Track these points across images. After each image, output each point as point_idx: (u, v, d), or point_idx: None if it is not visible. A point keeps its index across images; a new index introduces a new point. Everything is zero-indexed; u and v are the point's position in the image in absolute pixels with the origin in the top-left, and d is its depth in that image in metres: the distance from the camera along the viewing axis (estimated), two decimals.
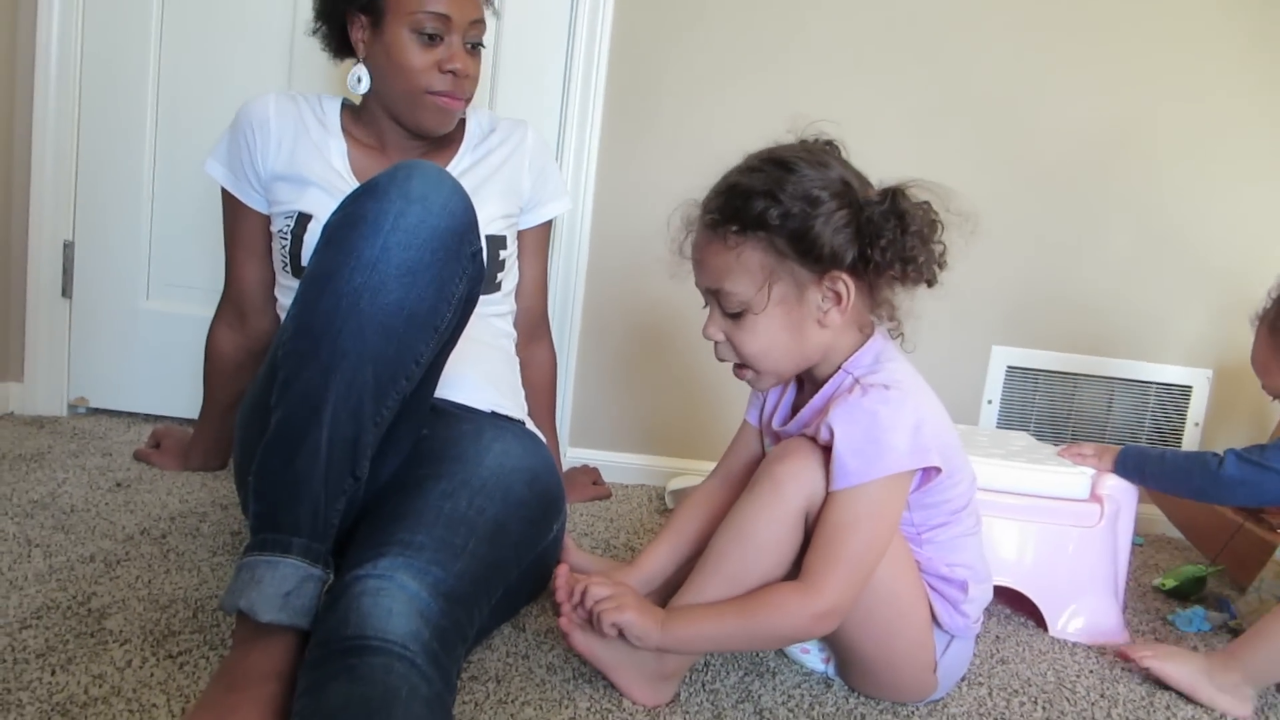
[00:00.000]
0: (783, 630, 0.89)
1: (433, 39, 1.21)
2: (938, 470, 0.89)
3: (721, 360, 0.95)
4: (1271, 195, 1.76)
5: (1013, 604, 1.31)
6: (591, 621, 0.89)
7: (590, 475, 1.66)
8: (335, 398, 0.81)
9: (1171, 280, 1.79)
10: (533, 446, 1.08)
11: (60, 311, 1.74)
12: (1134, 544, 1.67)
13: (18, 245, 1.71)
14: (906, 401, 0.87)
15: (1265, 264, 1.24)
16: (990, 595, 1.01)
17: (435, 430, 1.02)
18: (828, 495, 0.87)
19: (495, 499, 0.93)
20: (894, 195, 0.88)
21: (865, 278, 0.89)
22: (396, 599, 0.76)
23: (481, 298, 1.26)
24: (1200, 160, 1.75)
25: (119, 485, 1.39)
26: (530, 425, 1.26)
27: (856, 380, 0.89)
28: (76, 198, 1.71)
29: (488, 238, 1.25)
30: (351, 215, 0.85)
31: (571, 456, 1.75)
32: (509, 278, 1.33)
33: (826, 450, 0.87)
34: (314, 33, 1.32)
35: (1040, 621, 1.26)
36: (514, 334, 1.37)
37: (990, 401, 1.80)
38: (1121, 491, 1.28)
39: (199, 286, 1.69)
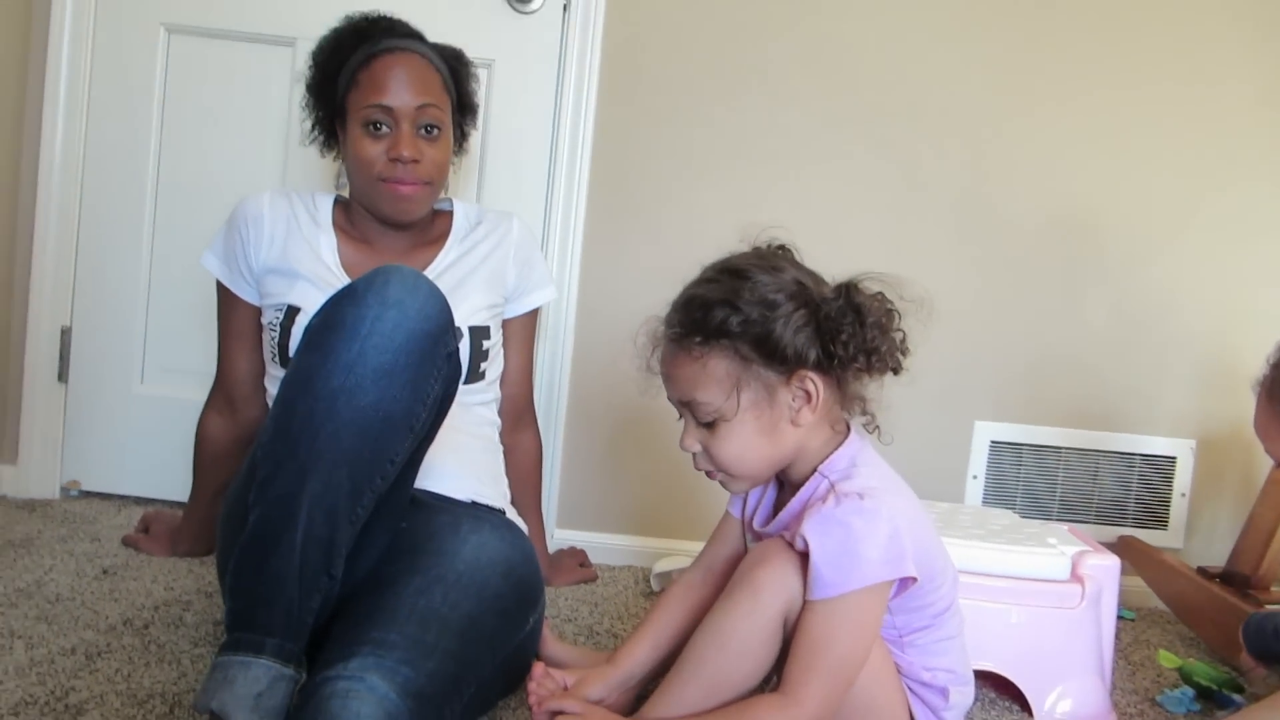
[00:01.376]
0: None
1: (381, 129, 1.25)
2: (914, 579, 0.89)
3: (700, 470, 0.96)
4: (1247, 264, 1.79)
5: (997, 688, 1.30)
6: None
7: (577, 557, 1.66)
8: (311, 499, 0.83)
9: (1151, 351, 1.81)
10: (511, 538, 1.09)
11: (56, 396, 1.77)
12: (1123, 618, 1.66)
13: (16, 331, 1.75)
14: (881, 510, 0.87)
15: (1244, 333, 1.23)
16: (971, 699, 1.00)
17: (413, 523, 1.03)
18: (805, 603, 0.87)
19: (470, 594, 0.94)
20: (848, 290, 0.90)
21: (832, 373, 0.91)
22: (365, 701, 0.77)
23: (465, 386, 1.29)
24: (1174, 232, 1.79)
25: (105, 572, 1.40)
26: (512, 514, 1.28)
27: (832, 486, 0.90)
28: (75, 286, 1.76)
29: (471, 328, 1.28)
30: (330, 319, 0.89)
31: (558, 538, 1.76)
32: (493, 366, 1.36)
33: (804, 555, 0.87)
34: (310, 142, 1.38)
35: (1025, 706, 1.25)
36: (498, 421, 1.40)
37: (975, 477, 1.81)
38: (1103, 570, 1.28)
39: (192, 371, 1.72)
